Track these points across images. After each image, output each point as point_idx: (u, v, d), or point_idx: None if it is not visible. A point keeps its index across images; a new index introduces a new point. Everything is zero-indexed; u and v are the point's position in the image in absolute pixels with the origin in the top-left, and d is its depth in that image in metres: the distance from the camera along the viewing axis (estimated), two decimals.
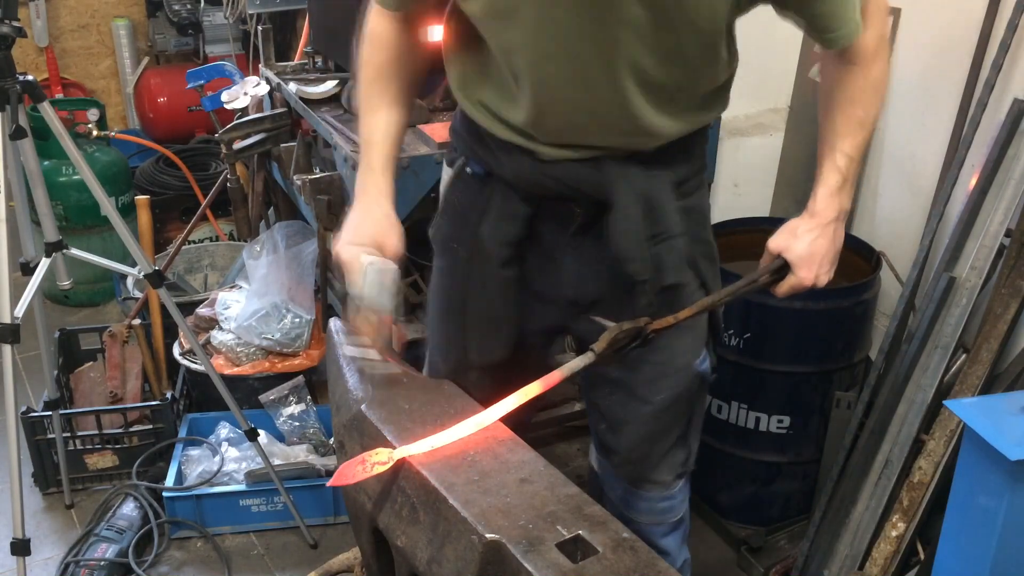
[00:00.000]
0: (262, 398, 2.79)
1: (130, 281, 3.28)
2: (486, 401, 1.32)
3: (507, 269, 1.55)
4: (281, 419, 2.78)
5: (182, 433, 2.76)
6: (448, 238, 1.62)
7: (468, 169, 1.57)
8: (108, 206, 2.27)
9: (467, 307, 1.62)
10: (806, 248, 1.45)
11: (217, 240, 3.82)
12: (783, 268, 1.48)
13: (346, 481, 1.19)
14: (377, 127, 1.52)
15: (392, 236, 1.48)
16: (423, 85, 1.63)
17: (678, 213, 1.49)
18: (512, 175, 1.49)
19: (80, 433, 2.70)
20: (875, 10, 1.41)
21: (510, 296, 1.57)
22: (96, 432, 2.70)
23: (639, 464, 1.65)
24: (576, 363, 1.33)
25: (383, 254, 1.44)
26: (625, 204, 1.43)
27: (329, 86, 2.79)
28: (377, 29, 1.52)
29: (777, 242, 1.48)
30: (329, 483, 1.20)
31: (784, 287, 1.49)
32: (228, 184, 3.30)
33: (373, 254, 1.43)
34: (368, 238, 1.45)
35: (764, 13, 1.38)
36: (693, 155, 1.52)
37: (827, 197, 1.46)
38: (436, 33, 1.55)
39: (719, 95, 1.50)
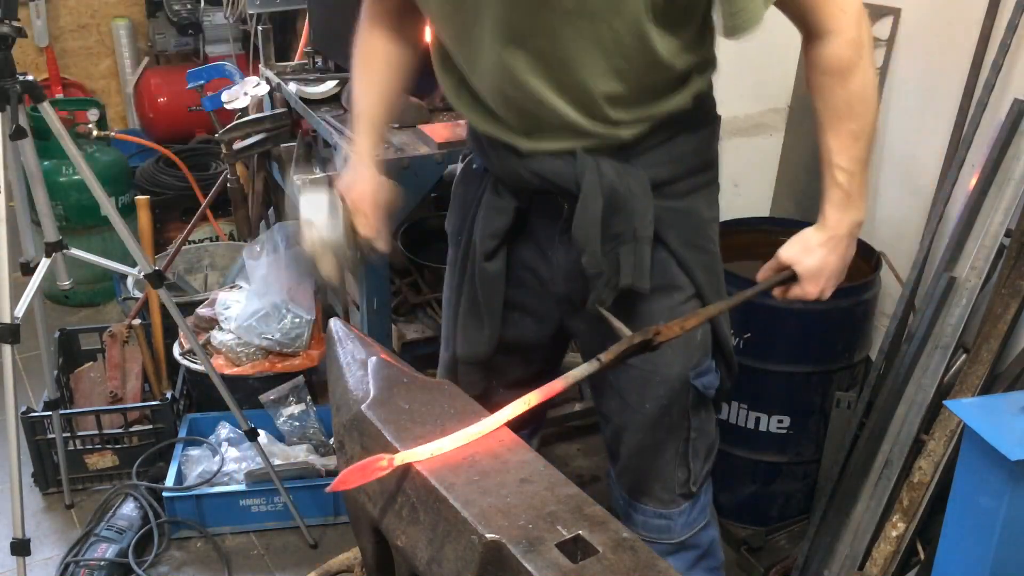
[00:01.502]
0: (262, 398, 2.79)
1: (130, 281, 3.28)
2: (477, 399, 1.32)
3: (491, 263, 1.55)
4: (281, 419, 2.78)
5: (182, 433, 2.76)
6: (456, 230, 1.65)
7: (473, 164, 1.61)
8: (108, 206, 2.27)
9: (460, 300, 1.64)
10: (817, 263, 1.45)
11: (217, 240, 3.82)
12: (791, 279, 1.49)
13: (347, 486, 1.18)
14: (363, 94, 1.60)
15: (378, 190, 1.56)
16: (421, 80, 1.66)
17: (658, 215, 1.44)
18: (498, 170, 1.51)
19: (80, 433, 2.70)
20: (843, 14, 1.33)
21: (495, 290, 1.58)
22: (96, 432, 2.70)
23: (636, 474, 1.61)
24: (579, 371, 1.31)
25: (370, 206, 1.54)
26: (587, 195, 1.40)
27: (329, 86, 2.79)
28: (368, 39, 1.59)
29: (788, 253, 1.47)
30: (329, 488, 1.18)
31: (788, 295, 1.50)
32: (228, 184, 3.30)
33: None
34: (356, 194, 1.55)
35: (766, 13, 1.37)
36: (681, 156, 1.47)
37: (836, 213, 1.44)
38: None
39: (676, 88, 1.42)
